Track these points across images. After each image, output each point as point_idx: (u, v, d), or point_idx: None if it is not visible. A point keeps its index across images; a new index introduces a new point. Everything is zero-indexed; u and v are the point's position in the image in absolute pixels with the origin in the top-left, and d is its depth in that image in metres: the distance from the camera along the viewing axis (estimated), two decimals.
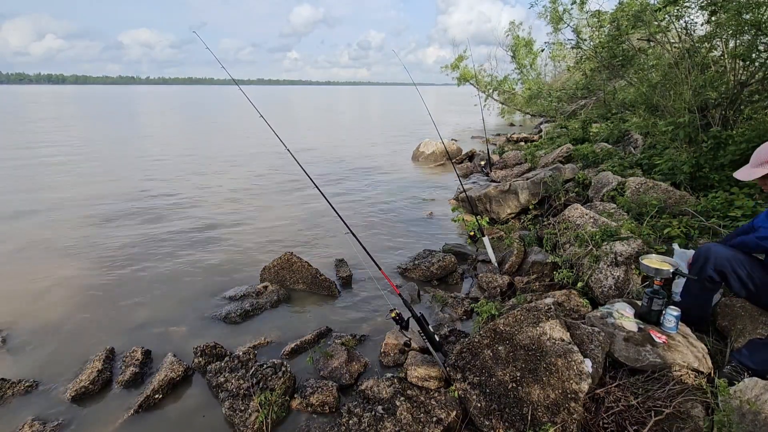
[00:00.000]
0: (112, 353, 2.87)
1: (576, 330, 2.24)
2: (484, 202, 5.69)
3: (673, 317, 2.21)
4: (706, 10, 4.76)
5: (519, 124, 19.38)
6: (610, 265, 2.97)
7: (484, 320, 2.84)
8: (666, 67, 5.95)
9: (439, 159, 10.30)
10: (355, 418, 2.10)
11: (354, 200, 7.02)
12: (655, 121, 5.71)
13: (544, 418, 1.86)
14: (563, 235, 3.77)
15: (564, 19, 11.15)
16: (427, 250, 4.36)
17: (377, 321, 3.35)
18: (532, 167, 7.36)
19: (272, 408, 2.25)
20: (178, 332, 3.21)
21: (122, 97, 57.35)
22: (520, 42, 17.25)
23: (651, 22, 6.18)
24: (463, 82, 18.25)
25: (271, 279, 3.88)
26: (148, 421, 2.35)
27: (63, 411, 2.42)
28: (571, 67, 13.42)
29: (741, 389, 1.80)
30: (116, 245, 4.89)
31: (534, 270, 3.65)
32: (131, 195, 7.11)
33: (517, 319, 2.24)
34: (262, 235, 5.30)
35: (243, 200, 6.92)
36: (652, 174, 4.93)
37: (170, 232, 5.34)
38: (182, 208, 6.44)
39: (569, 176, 5.65)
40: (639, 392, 1.96)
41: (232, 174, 9.01)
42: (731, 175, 3.99)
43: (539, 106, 15.71)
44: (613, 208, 4.07)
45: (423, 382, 2.34)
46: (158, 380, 2.52)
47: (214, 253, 4.71)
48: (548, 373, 1.97)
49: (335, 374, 2.61)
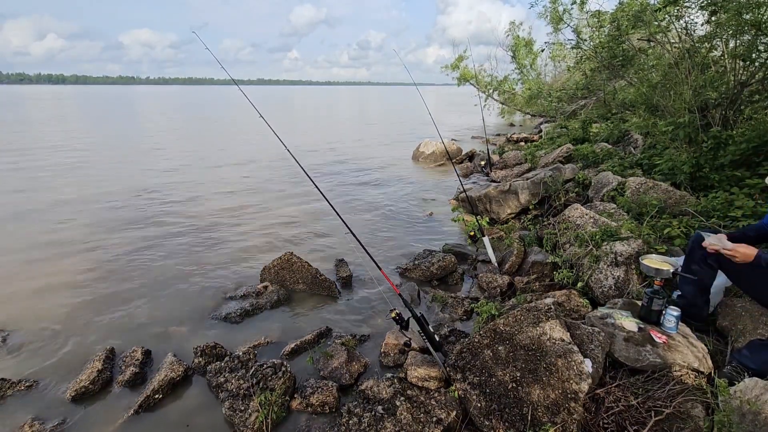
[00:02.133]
0: (112, 353, 2.87)
1: (576, 330, 2.24)
2: (484, 202, 5.69)
3: (673, 317, 2.21)
4: (706, 10, 4.76)
5: (519, 124, 19.38)
6: (610, 265, 2.97)
7: (484, 320, 2.84)
8: (666, 67, 5.95)
9: (439, 159, 10.30)
10: (355, 418, 2.10)
11: (354, 200, 7.02)
12: (655, 121, 5.71)
13: (544, 418, 1.86)
14: (563, 235, 3.77)
15: (564, 19, 11.15)
16: (427, 250, 4.36)
17: (377, 321, 3.35)
18: (532, 167, 7.36)
19: (272, 408, 2.25)
20: (178, 332, 3.21)
21: (123, 98, 57.40)
22: (520, 42, 17.24)
23: (651, 22, 6.18)
24: (463, 82, 18.25)
25: (271, 279, 3.88)
26: (148, 421, 2.35)
27: (63, 411, 2.42)
28: (571, 67, 13.43)
29: (741, 389, 1.80)
30: (116, 245, 4.89)
31: (534, 270, 3.65)
32: (131, 195, 7.11)
33: (517, 319, 2.24)
34: (262, 235, 5.30)
35: (243, 200, 6.92)
36: (652, 174, 4.93)
37: (170, 232, 5.34)
38: (182, 208, 6.44)
39: (569, 176, 5.65)
40: (639, 392, 1.96)
41: (232, 174, 9.01)
42: (731, 175, 3.99)
43: (539, 106, 15.72)
44: (613, 208, 4.07)
45: (423, 382, 2.34)
46: (158, 380, 2.52)
47: (214, 253, 4.71)
48: (548, 373, 1.97)
49: (335, 374, 2.61)
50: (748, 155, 4.04)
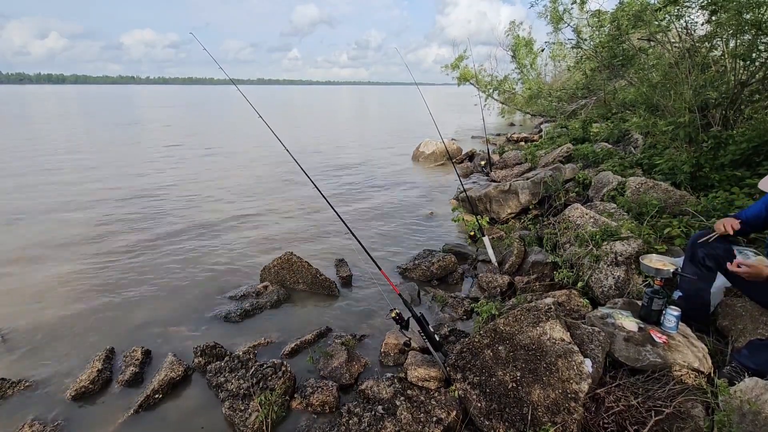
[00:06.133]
0: (112, 353, 2.87)
1: (576, 330, 2.24)
2: (485, 202, 5.69)
3: (673, 317, 2.21)
4: (707, 9, 4.75)
5: (519, 124, 19.37)
6: (611, 265, 2.97)
7: (484, 320, 2.84)
8: (666, 66, 5.95)
9: (439, 159, 10.30)
10: (355, 417, 2.10)
11: (354, 200, 7.02)
12: (656, 120, 5.70)
13: (545, 418, 1.86)
14: (563, 235, 3.77)
15: (564, 18, 11.16)
16: (427, 250, 4.36)
17: (377, 321, 3.35)
18: (532, 167, 7.36)
19: (272, 408, 2.25)
20: (178, 332, 3.21)
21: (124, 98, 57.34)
22: (520, 42, 17.23)
23: (651, 21, 6.17)
24: (463, 82, 18.23)
25: (271, 279, 3.88)
26: (148, 421, 2.35)
27: (63, 411, 2.42)
28: (572, 67, 13.43)
29: (741, 389, 1.80)
30: (116, 245, 4.89)
31: (534, 270, 3.65)
32: (131, 196, 7.11)
33: (517, 319, 2.24)
34: (262, 235, 5.30)
35: (243, 200, 6.92)
36: (653, 174, 4.93)
37: (170, 233, 5.34)
38: (182, 208, 6.44)
39: (569, 176, 5.64)
40: (639, 392, 1.96)
41: (231, 174, 9.01)
42: (731, 175, 3.99)
43: (539, 106, 15.71)
44: (613, 208, 4.07)
45: (423, 382, 2.34)
46: (158, 380, 2.52)
47: (214, 252, 4.71)
48: (548, 373, 1.97)
49: (335, 374, 2.61)
50: (748, 155, 4.03)
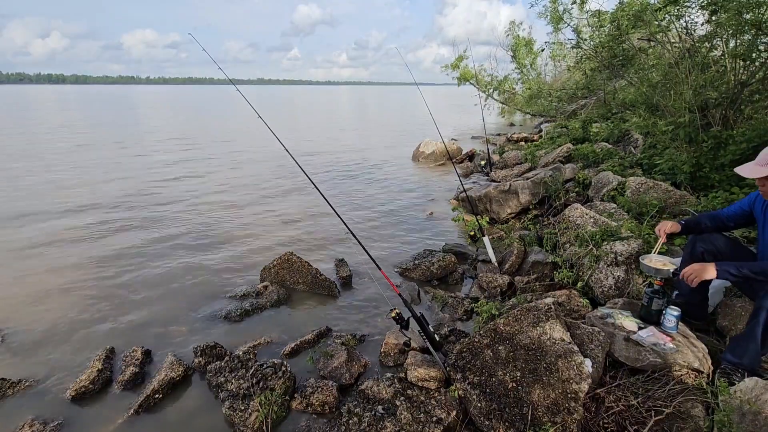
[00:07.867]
0: (113, 353, 2.87)
1: (576, 330, 2.24)
2: (485, 202, 5.69)
3: (673, 317, 2.21)
4: (707, 9, 4.75)
5: (519, 124, 19.35)
6: (611, 264, 2.97)
7: (484, 320, 2.84)
8: (666, 66, 5.95)
9: (439, 159, 10.30)
10: (355, 417, 2.10)
11: (354, 200, 7.02)
12: (656, 120, 5.70)
13: (545, 418, 1.86)
14: (563, 234, 3.77)
15: (564, 18, 11.14)
16: (427, 250, 4.36)
17: (377, 321, 3.35)
18: (532, 167, 7.36)
19: (272, 408, 2.25)
20: (178, 332, 3.21)
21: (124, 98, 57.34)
22: (520, 42, 17.22)
23: (651, 21, 6.17)
24: (463, 82, 18.22)
25: (271, 279, 3.88)
26: (148, 421, 2.35)
27: (63, 411, 2.42)
28: (572, 67, 13.41)
29: (741, 389, 1.80)
30: (116, 245, 4.89)
31: (534, 270, 3.65)
32: (131, 196, 7.11)
33: (518, 319, 2.24)
34: (262, 235, 5.30)
35: (243, 200, 6.92)
36: (653, 174, 4.93)
37: (170, 233, 5.34)
38: (182, 208, 6.44)
39: (569, 176, 5.64)
40: (639, 392, 1.96)
41: (231, 175, 9.01)
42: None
43: (539, 106, 15.69)
44: (613, 208, 4.07)
45: (423, 382, 2.34)
46: (158, 380, 2.52)
47: (214, 253, 4.71)
48: (548, 373, 1.97)
49: (335, 374, 2.61)
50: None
